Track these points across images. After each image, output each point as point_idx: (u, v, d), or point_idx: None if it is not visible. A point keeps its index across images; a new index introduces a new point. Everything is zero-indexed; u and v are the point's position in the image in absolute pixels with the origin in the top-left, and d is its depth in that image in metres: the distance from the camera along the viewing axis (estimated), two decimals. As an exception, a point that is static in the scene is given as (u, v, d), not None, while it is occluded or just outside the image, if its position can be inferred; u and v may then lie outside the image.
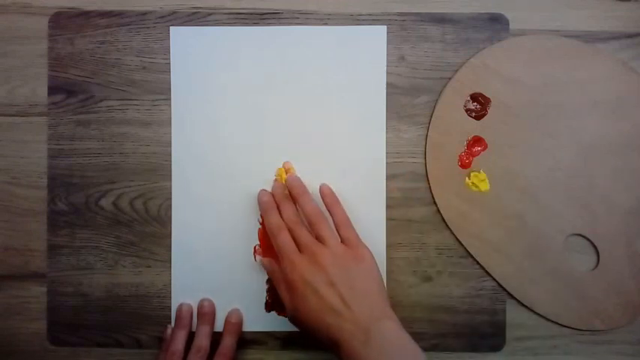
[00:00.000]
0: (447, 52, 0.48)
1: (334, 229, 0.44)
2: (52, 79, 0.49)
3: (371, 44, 0.48)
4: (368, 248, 0.43)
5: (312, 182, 0.48)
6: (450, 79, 0.48)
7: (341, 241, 0.43)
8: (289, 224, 0.44)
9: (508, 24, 0.48)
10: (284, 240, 0.43)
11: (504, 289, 0.48)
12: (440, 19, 0.48)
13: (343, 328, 0.39)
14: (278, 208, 0.46)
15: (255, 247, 0.48)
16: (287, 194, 0.47)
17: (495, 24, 0.48)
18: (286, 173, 0.47)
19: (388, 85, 0.48)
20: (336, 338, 0.39)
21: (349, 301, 0.39)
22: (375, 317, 0.39)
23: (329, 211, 0.45)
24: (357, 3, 0.49)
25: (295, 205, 0.46)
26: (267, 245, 0.48)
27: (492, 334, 0.48)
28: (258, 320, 0.48)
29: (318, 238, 0.43)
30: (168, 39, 0.48)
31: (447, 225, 0.48)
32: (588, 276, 0.47)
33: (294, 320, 0.42)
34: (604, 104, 0.47)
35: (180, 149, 0.48)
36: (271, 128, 0.48)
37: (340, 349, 0.39)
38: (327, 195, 0.46)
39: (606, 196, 0.47)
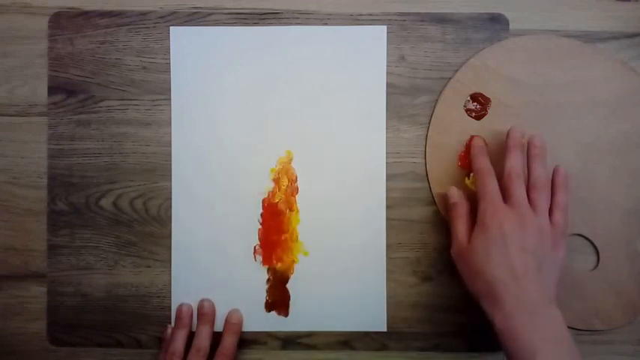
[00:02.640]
0: (447, 52, 0.48)
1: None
2: (52, 79, 0.49)
3: (371, 44, 0.48)
4: (567, 243, 0.42)
5: (311, 182, 0.48)
6: (450, 79, 0.48)
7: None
8: (511, 173, 0.42)
9: (508, 24, 0.48)
10: (491, 185, 0.42)
11: (504, 289, 0.48)
12: (440, 19, 0.48)
13: (512, 292, 0.38)
14: (508, 152, 0.43)
15: (255, 247, 0.48)
16: (523, 144, 0.44)
17: (495, 24, 0.48)
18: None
19: (388, 85, 0.48)
20: (499, 298, 0.38)
21: (531, 272, 0.39)
22: (547, 300, 0.39)
23: (554, 188, 0.43)
24: (357, 3, 0.49)
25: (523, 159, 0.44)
26: (267, 245, 0.48)
27: (492, 334, 0.48)
28: (258, 320, 0.48)
29: (533, 204, 0.41)
30: (168, 39, 0.48)
31: (447, 225, 0.48)
32: (588, 276, 0.47)
33: (460, 257, 0.42)
34: (604, 104, 0.47)
35: (180, 149, 0.48)
36: (271, 128, 0.48)
37: (497, 310, 0.38)
38: (561, 174, 0.44)
39: (606, 196, 0.47)
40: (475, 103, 0.48)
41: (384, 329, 0.48)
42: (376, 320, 0.48)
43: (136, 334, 0.48)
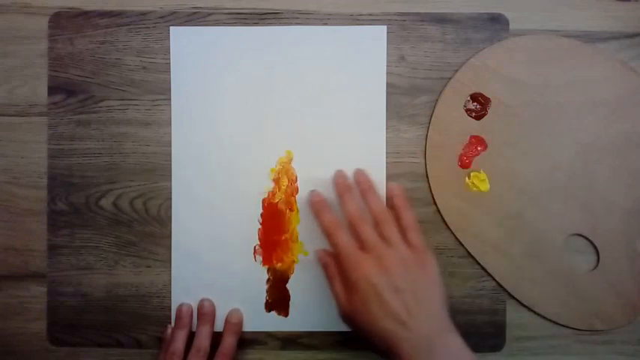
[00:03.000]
0: (447, 52, 0.48)
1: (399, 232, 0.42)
2: (52, 79, 0.49)
3: (371, 44, 0.48)
4: (433, 256, 0.41)
5: (311, 182, 0.48)
6: (450, 79, 0.48)
7: (407, 246, 0.42)
8: (353, 219, 0.42)
9: (508, 24, 0.48)
10: (342, 239, 0.41)
11: (504, 289, 0.48)
12: (440, 19, 0.48)
13: (404, 337, 0.37)
14: (341, 199, 0.44)
15: (255, 247, 0.48)
16: (351, 185, 0.45)
17: (495, 24, 0.48)
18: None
19: (388, 85, 0.48)
20: (396, 347, 0.37)
21: (413, 310, 0.38)
22: (439, 330, 0.38)
23: (397, 211, 0.43)
24: (357, 3, 0.49)
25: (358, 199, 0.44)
26: (267, 245, 0.48)
27: (492, 334, 0.48)
28: (258, 320, 0.48)
29: (384, 239, 0.41)
30: (168, 39, 0.48)
31: (447, 225, 0.48)
32: (588, 276, 0.47)
33: (347, 320, 0.41)
34: (604, 104, 0.47)
35: (180, 149, 0.48)
36: (271, 128, 0.48)
37: (399, 356, 0.37)
38: (398, 195, 0.44)
39: (606, 196, 0.47)
40: (475, 103, 0.48)
41: (384, 329, 0.48)
42: (376, 320, 0.48)
43: (136, 334, 0.48)
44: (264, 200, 0.48)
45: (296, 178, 0.48)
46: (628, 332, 0.48)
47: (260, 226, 0.48)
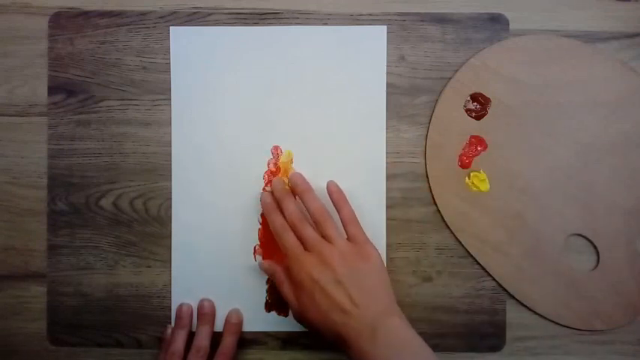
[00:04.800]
0: (447, 52, 0.48)
1: (340, 227, 0.44)
2: (52, 79, 0.49)
3: (371, 44, 0.48)
4: (374, 246, 0.43)
5: (311, 182, 0.48)
6: (450, 79, 0.48)
7: (347, 239, 0.43)
8: (293, 222, 0.44)
9: (508, 24, 0.48)
10: (289, 239, 0.43)
11: (504, 289, 0.48)
12: (440, 19, 0.48)
13: (350, 326, 0.39)
14: (279, 205, 0.46)
15: (255, 247, 0.48)
16: (288, 190, 0.46)
17: (495, 24, 0.48)
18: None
19: (388, 85, 0.48)
20: (344, 336, 0.39)
21: (357, 299, 0.40)
22: (382, 315, 0.39)
23: (336, 208, 0.45)
24: (357, 3, 0.49)
25: (295, 202, 0.46)
26: (267, 245, 0.48)
27: (492, 334, 0.48)
28: (258, 320, 0.48)
29: (325, 237, 0.43)
30: (168, 39, 0.48)
31: (447, 225, 0.48)
32: (588, 276, 0.47)
33: (300, 319, 0.43)
34: (604, 104, 0.47)
35: (180, 149, 0.48)
36: (271, 128, 0.48)
37: (348, 347, 0.39)
38: (335, 192, 0.46)
39: (606, 196, 0.47)
40: (475, 103, 0.48)
41: (384, 329, 0.48)
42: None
43: (136, 334, 0.48)
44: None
45: (296, 178, 0.48)
46: (628, 332, 0.48)
47: (260, 226, 0.48)
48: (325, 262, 0.41)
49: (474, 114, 0.48)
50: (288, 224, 0.44)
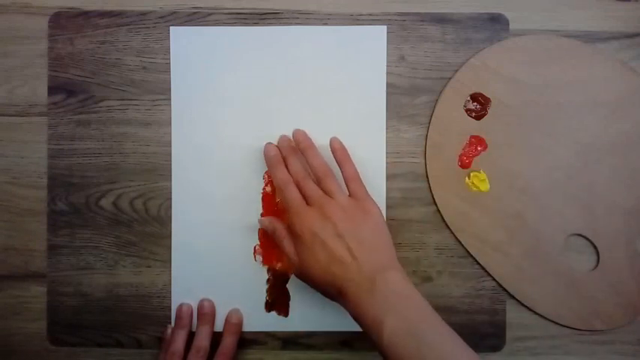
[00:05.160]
0: (447, 52, 0.48)
1: (341, 184, 0.44)
2: (52, 79, 0.49)
3: (371, 44, 0.48)
4: (375, 203, 0.43)
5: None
6: (450, 79, 0.48)
7: (349, 196, 0.44)
8: (297, 178, 0.44)
9: (508, 24, 0.48)
10: (292, 193, 0.43)
11: (504, 289, 0.48)
12: (440, 19, 0.48)
13: (349, 278, 0.39)
14: (285, 161, 0.46)
15: (255, 247, 0.48)
16: (294, 147, 0.47)
17: (495, 24, 0.48)
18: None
19: (388, 85, 0.48)
20: (343, 288, 0.39)
21: (356, 252, 0.40)
22: (382, 268, 0.39)
23: (339, 165, 0.45)
24: (357, 3, 0.49)
25: (301, 160, 0.46)
26: (267, 245, 0.48)
27: (492, 334, 0.48)
28: (258, 320, 0.48)
29: (326, 192, 0.43)
30: (168, 39, 0.48)
31: (447, 225, 0.48)
32: (588, 276, 0.47)
33: (301, 275, 0.43)
34: (604, 104, 0.47)
35: (180, 149, 0.48)
36: (271, 128, 0.48)
37: (346, 299, 0.39)
38: (338, 149, 0.46)
39: (606, 196, 0.47)
40: (475, 103, 0.48)
41: (384, 329, 0.48)
42: (376, 320, 0.48)
43: (136, 334, 0.48)
44: (264, 200, 0.48)
45: (296, 178, 0.48)
46: (628, 332, 0.48)
47: (260, 227, 0.48)
48: (326, 216, 0.41)
49: (474, 114, 0.48)
50: (294, 180, 0.44)
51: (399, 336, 0.36)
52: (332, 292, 0.41)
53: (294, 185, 0.44)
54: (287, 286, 0.48)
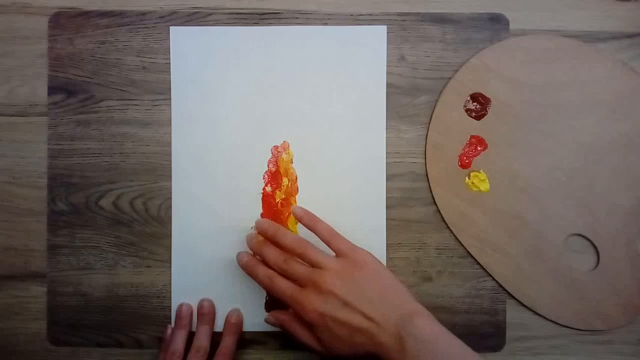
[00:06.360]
0: (447, 52, 0.48)
1: (322, 250, 0.42)
2: (52, 79, 0.49)
3: (371, 44, 0.48)
4: (365, 250, 0.42)
5: (311, 182, 0.48)
6: (450, 79, 0.48)
7: (336, 256, 0.42)
8: (279, 266, 0.42)
9: (508, 24, 0.48)
10: (281, 285, 0.42)
11: (504, 289, 0.48)
12: (440, 19, 0.48)
13: (377, 342, 0.38)
14: (261, 257, 0.45)
15: (255, 247, 0.48)
16: (262, 240, 0.45)
17: (495, 24, 0.48)
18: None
19: (388, 85, 0.48)
20: (376, 353, 0.38)
21: (370, 313, 0.38)
22: (402, 319, 0.38)
23: (311, 230, 0.44)
24: (357, 3, 0.49)
25: (273, 248, 0.44)
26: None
27: (492, 334, 0.48)
28: (258, 320, 0.48)
29: (313, 265, 0.41)
30: (168, 39, 0.48)
31: (447, 225, 0.48)
32: (588, 276, 0.47)
33: (330, 356, 0.41)
34: (604, 104, 0.47)
35: (180, 149, 0.48)
36: (271, 128, 0.48)
37: (385, 357, 0.38)
38: (303, 216, 0.45)
39: (606, 196, 0.47)
40: (475, 103, 0.48)
41: (384, 329, 0.48)
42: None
43: (136, 334, 0.48)
44: (264, 200, 0.48)
45: (296, 178, 0.48)
46: (628, 332, 0.48)
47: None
48: (324, 291, 0.40)
49: (474, 114, 0.48)
50: (276, 271, 0.43)
51: None
52: (370, 356, 0.39)
53: (278, 277, 0.42)
54: (287, 286, 0.48)
